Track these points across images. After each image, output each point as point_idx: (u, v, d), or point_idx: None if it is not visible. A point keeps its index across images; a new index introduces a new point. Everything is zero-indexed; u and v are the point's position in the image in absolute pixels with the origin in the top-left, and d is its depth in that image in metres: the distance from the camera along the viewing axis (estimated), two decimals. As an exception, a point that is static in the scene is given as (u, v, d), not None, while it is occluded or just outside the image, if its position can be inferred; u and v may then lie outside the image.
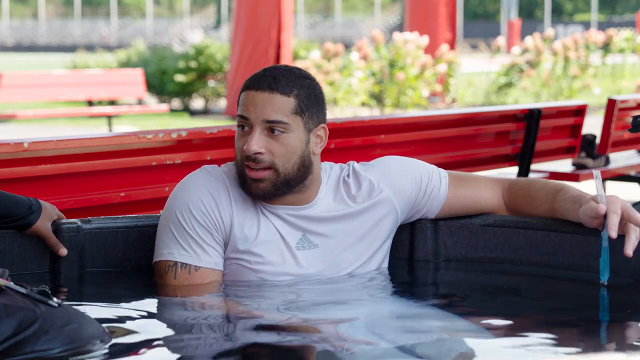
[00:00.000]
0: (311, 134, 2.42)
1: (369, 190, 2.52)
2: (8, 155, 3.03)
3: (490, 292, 2.59)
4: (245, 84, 2.40)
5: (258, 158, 2.36)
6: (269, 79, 2.37)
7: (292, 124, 2.37)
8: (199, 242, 2.39)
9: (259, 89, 2.36)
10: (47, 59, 31.70)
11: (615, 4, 49.10)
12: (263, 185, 2.38)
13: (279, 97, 2.35)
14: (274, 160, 2.37)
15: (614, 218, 2.35)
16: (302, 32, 40.05)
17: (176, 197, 2.43)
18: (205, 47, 15.36)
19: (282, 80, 2.37)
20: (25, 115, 10.96)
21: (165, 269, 2.41)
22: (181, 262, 2.40)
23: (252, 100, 2.36)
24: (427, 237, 2.69)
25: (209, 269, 2.41)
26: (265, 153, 2.36)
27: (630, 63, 17.87)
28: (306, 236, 2.47)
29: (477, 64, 20.18)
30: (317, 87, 2.44)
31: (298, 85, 2.38)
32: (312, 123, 2.41)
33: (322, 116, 2.44)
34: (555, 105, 5.37)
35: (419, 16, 15.53)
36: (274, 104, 2.35)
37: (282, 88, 2.36)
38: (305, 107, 2.39)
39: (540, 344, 2.07)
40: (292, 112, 2.37)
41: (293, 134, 2.37)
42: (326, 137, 2.46)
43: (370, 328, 2.16)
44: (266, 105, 2.35)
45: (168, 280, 2.41)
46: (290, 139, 2.37)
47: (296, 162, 2.39)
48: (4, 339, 1.85)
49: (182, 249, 2.40)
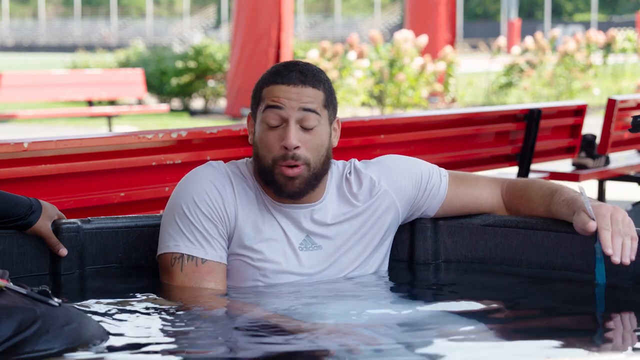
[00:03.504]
0: (331, 126, 2.45)
1: (370, 188, 2.53)
2: (8, 155, 3.03)
3: (490, 292, 2.59)
4: (270, 79, 2.39)
5: (296, 154, 2.35)
6: (297, 74, 2.38)
7: (322, 116, 2.40)
8: (204, 235, 2.39)
9: (290, 83, 2.37)
10: (47, 59, 31.70)
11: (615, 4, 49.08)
12: (298, 183, 2.38)
13: (311, 89, 2.38)
14: (308, 155, 2.37)
15: (605, 235, 2.34)
16: (302, 32, 40.05)
17: (181, 190, 2.43)
18: (205, 47, 15.36)
19: (310, 75, 2.39)
20: (25, 115, 10.96)
21: (171, 261, 2.40)
22: (188, 254, 2.39)
23: (285, 93, 2.36)
24: (427, 237, 2.69)
25: (215, 262, 2.40)
26: (301, 147, 2.36)
27: (630, 63, 17.86)
28: (310, 237, 2.47)
29: (477, 64, 20.19)
30: (330, 81, 2.49)
31: (322, 79, 2.42)
32: (333, 116, 2.46)
33: (336, 110, 2.49)
34: (555, 105, 5.36)
35: (419, 16, 15.53)
36: (309, 95, 2.37)
37: (311, 82, 2.39)
38: (330, 100, 2.43)
39: (540, 343, 2.07)
40: (323, 105, 2.40)
41: (323, 126, 2.40)
42: (340, 128, 2.50)
43: (371, 328, 2.16)
44: (301, 95, 2.36)
45: (175, 272, 2.39)
46: (321, 131, 2.39)
47: (324, 155, 2.41)
48: (4, 339, 1.85)
49: (189, 241, 2.39)
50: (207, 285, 2.38)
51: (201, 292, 2.37)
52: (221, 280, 2.41)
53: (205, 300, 2.33)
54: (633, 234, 2.36)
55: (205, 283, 2.38)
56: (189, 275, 2.38)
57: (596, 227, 2.36)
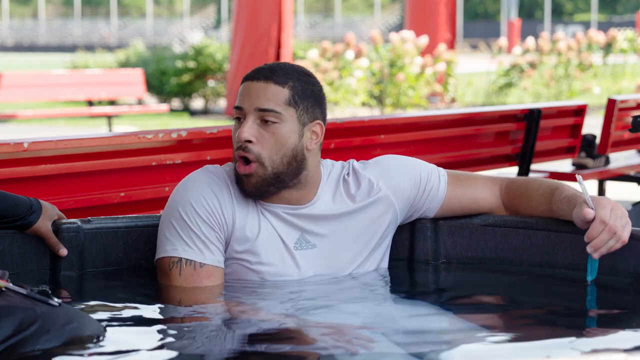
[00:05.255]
0: (305, 128, 2.41)
1: (368, 189, 2.52)
2: (8, 155, 3.03)
3: (490, 292, 2.60)
4: (244, 77, 2.42)
5: (248, 147, 2.36)
6: (266, 71, 2.39)
7: (285, 114, 2.37)
8: (202, 239, 2.39)
9: (255, 79, 2.38)
10: (47, 59, 31.70)
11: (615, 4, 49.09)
12: (253, 181, 2.38)
13: (273, 86, 2.37)
14: (261, 152, 2.36)
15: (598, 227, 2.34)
16: (302, 32, 40.06)
17: (178, 194, 2.43)
18: (205, 47, 15.36)
19: (279, 72, 2.39)
20: (25, 115, 10.96)
21: (169, 265, 2.40)
22: (186, 258, 2.39)
23: (247, 90, 2.38)
24: (427, 237, 2.69)
25: (213, 267, 2.40)
26: (255, 143, 2.36)
27: (630, 63, 17.86)
28: (304, 236, 2.46)
29: (477, 64, 20.19)
30: (315, 84, 2.44)
31: (295, 78, 2.39)
32: (307, 117, 2.41)
33: (318, 113, 2.43)
34: (555, 105, 5.36)
35: (418, 16, 15.53)
36: (268, 93, 2.36)
37: (277, 78, 2.37)
38: (300, 99, 2.39)
39: (540, 343, 2.07)
40: (286, 103, 2.37)
41: (285, 125, 2.37)
42: (322, 134, 2.45)
43: (370, 329, 2.16)
44: (260, 94, 2.36)
45: (173, 276, 2.39)
46: (282, 129, 2.37)
47: (287, 154, 2.38)
48: (4, 338, 1.85)
49: (186, 245, 2.39)
50: (205, 290, 2.38)
51: (200, 294, 2.36)
52: (220, 284, 2.41)
53: (204, 301, 2.33)
54: (624, 237, 2.36)
55: (204, 288, 2.38)
56: (187, 280, 2.38)
57: (594, 215, 2.35)
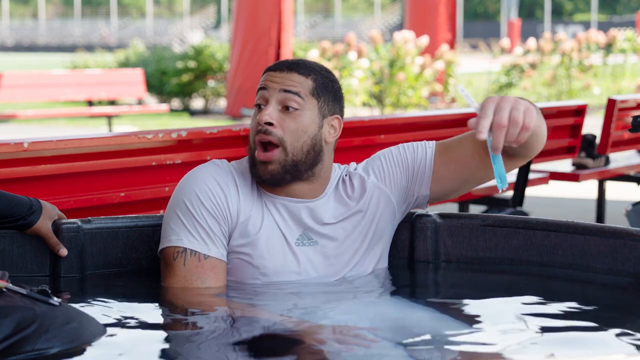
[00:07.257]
0: (325, 120, 2.44)
1: (361, 185, 2.53)
2: (8, 155, 3.03)
3: (490, 292, 2.60)
4: (266, 69, 2.46)
5: (269, 130, 2.37)
6: (289, 62, 2.45)
7: (308, 102, 2.40)
8: (207, 231, 2.39)
9: (278, 70, 2.43)
10: (47, 59, 31.71)
11: (616, 4, 49.09)
12: (272, 167, 2.39)
13: (298, 75, 2.41)
14: (284, 137, 2.38)
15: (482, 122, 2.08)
16: (302, 32, 40.07)
17: (184, 186, 2.43)
18: (205, 47, 15.36)
19: (302, 65, 2.44)
20: (25, 115, 10.96)
21: (174, 255, 2.39)
22: (190, 248, 2.38)
23: (271, 77, 2.42)
24: (427, 237, 2.69)
25: (217, 259, 2.40)
26: (277, 127, 2.38)
27: (630, 63, 17.86)
28: (306, 233, 2.47)
29: (477, 64, 20.19)
30: (336, 81, 2.49)
31: (316, 71, 2.44)
32: (327, 110, 2.44)
33: (338, 108, 2.48)
34: (555, 105, 5.37)
35: (419, 16, 15.54)
36: (293, 78, 2.41)
37: (301, 70, 2.42)
38: (322, 92, 2.43)
39: (539, 343, 2.07)
40: (309, 92, 2.41)
41: (307, 113, 2.40)
42: (340, 129, 2.48)
43: (370, 328, 2.16)
44: (285, 79, 2.40)
45: (177, 267, 2.38)
46: (304, 117, 2.40)
47: (306, 142, 2.40)
48: (3, 337, 1.85)
49: (191, 235, 2.39)
50: (208, 282, 2.38)
51: (202, 291, 2.36)
52: (222, 278, 2.41)
53: (205, 299, 2.33)
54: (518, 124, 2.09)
55: (207, 280, 2.38)
56: (191, 270, 2.38)
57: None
